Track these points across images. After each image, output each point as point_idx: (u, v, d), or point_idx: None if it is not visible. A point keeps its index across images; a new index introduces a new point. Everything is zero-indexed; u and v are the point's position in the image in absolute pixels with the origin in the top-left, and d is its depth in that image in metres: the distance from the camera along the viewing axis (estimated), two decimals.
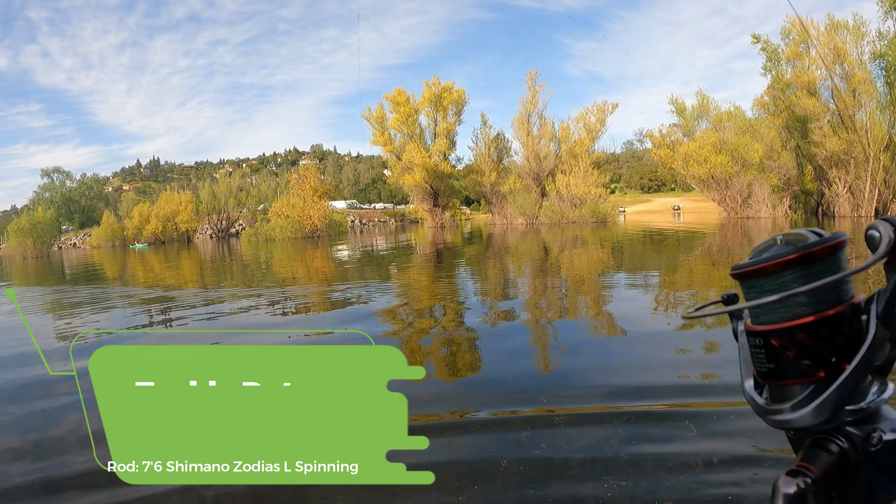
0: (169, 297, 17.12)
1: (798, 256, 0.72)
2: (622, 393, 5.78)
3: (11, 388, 7.99)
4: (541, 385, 6.18)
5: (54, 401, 7.29)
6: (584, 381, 6.27)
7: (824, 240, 0.73)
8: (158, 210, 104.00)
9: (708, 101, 62.60)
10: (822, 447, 0.76)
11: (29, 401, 7.44)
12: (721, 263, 17.47)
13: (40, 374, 8.65)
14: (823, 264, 0.72)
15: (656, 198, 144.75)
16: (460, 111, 76.60)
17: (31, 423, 6.63)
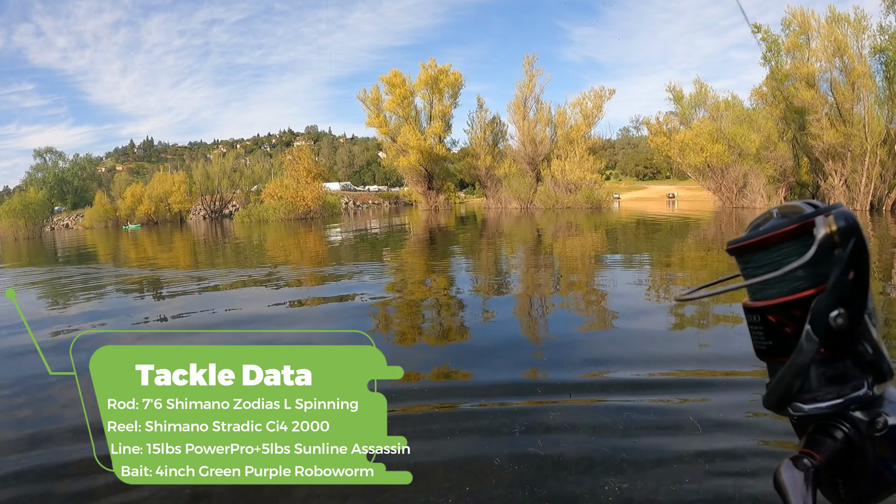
0: (162, 279, 16.96)
1: (796, 227, 0.68)
2: (619, 384, 5.63)
3: (10, 389, 7.85)
4: (534, 376, 6.04)
5: (54, 400, 7.16)
6: (578, 370, 6.12)
7: (821, 209, 0.68)
8: (151, 191, 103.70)
9: (706, 90, 62.50)
10: (827, 433, 0.74)
11: (28, 400, 7.30)
12: (714, 250, 17.35)
13: (40, 373, 8.49)
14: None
15: (651, 185, 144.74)
16: (456, 94, 76.41)
17: (31, 423, 6.51)
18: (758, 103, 61.68)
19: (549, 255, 17.60)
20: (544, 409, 5.08)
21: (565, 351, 6.93)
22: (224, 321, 9.38)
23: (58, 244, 51.07)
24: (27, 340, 9.71)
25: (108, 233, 74.12)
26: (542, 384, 5.73)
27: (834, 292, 0.69)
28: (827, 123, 53.44)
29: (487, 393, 5.53)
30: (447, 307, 9.58)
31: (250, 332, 11.15)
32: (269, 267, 17.30)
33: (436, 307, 9.49)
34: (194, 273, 17.14)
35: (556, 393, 5.44)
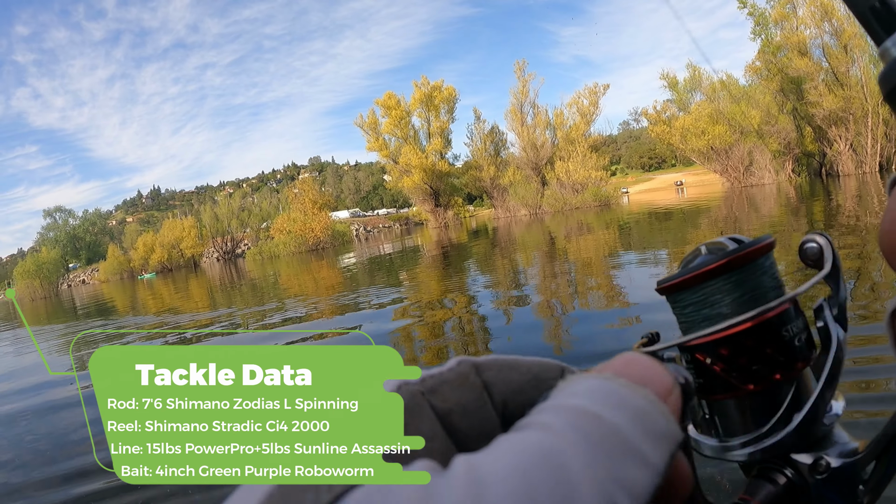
0: (182, 324, 16.93)
1: (719, 265, 0.66)
2: None
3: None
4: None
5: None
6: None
7: (745, 245, 0.67)
8: (162, 238, 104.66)
9: (700, 73, 62.29)
10: (767, 478, 0.70)
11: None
12: (729, 232, 17.14)
13: (40, 374, 8.45)
14: (747, 271, 0.67)
15: (658, 175, 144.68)
16: (452, 108, 76.55)
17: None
18: (753, 79, 61.40)
19: (565, 262, 17.45)
20: None
21: (588, 346, 6.79)
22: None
23: (75, 301, 51.25)
24: (28, 343, 9.67)
25: (124, 284, 74.50)
26: None
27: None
28: (825, 89, 53.09)
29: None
30: (468, 325, 9.46)
31: (254, 333, 11.07)
32: (286, 300, 17.25)
33: (458, 328, 9.38)
34: (213, 314, 17.07)
35: None
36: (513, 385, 0.40)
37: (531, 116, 72.95)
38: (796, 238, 13.18)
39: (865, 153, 53.49)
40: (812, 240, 0.68)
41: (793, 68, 53.66)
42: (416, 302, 12.93)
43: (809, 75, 53.16)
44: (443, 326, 9.46)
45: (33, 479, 4.97)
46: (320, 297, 17.65)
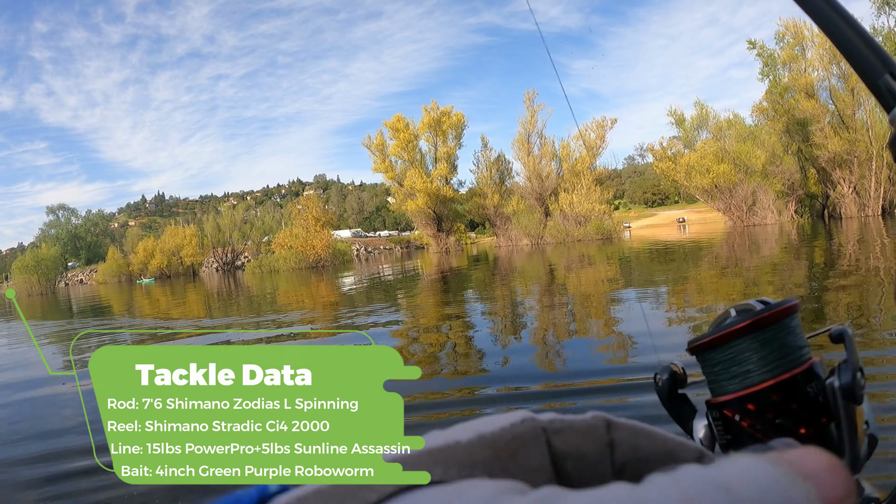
0: (175, 330, 16.90)
1: (746, 325, 0.68)
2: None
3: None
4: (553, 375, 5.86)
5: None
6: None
7: (771, 307, 0.69)
8: (163, 244, 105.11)
9: (707, 111, 62.55)
10: None
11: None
12: (729, 274, 17.16)
13: (40, 374, 8.43)
14: (773, 330, 0.69)
15: (660, 211, 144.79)
16: (460, 135, 76.79)
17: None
18: (760, 119, 61.65)
19: (564, 294, 17.45)
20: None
21: (581, 363, 6.77)
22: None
23: (72, 299, 51.22)
24: (28, 342, 9.65)
25: (122, 287, 74.54)
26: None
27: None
28: (830, 132, 53.36)
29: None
30: (463, 348, 9.45)
31: (253, 332, 11.03)
32: (283, 314, 17.19)
33: (452, 351, 9.37)
34: (208, 321, 17.01)
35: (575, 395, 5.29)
36: (640, 452, 0.39)
37: (538, 147, 73.14)
38: (796, 277, 13.15)
39: (868, 196, 53.65)
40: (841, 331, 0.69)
41: (799, 110, 53.93)
42: (412, 324, 12.94)
43: (816, 117, 53.41)
44: (437, 348, 9.46)
45: (33, 478, 4.95)
46: (318, 312, 17.65)
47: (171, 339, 14.40)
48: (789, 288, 12.47)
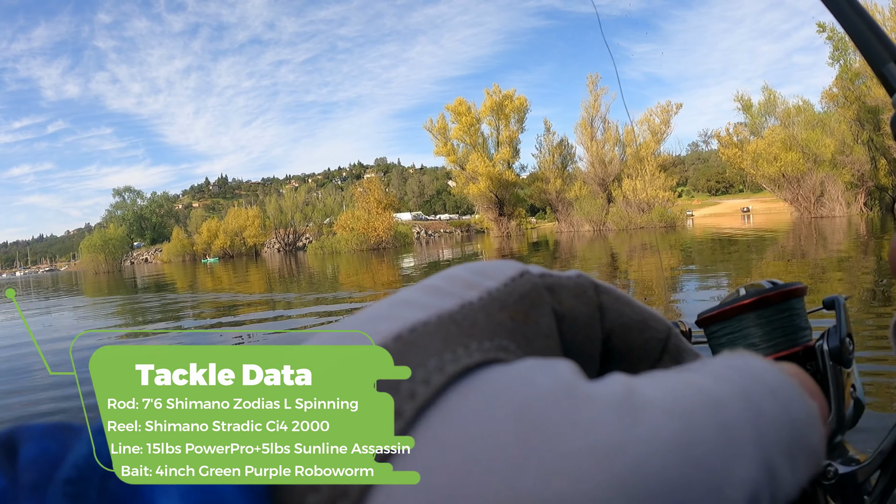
0: (239, 302, 17.17)
1: (753, 301, 0.72)
2: None
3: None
4: None
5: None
6: None
7: (778, 286, 0.74)
8: (226, 225, 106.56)
9: (775, 97, 61.17)
10: None
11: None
12: (793, 269, 16.93)
13: (40, 374, 8.68)
14: (778, 310, 0.74)
15: (724, 200, 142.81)
16: (522, 118, 76.38)
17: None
18: (829, 106, 59.95)
19: (625, 280, 17.39)
20: None
21: None
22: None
23: (136, 277, 52.36)
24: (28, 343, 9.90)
25: (186, 266, 75.98)
26: None
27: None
28: None
29: None
30: None
31: (243, 332, 11.20)
32: (345, 293, 17.36)
33: None
34: (271, 296, 17.25)
35: None
36: (623, 319, 0.39)
37: (601, 131, 72.50)
38: (860, 273, 12.87)
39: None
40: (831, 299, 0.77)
41: (871, 97, 52.45)
42: None
43: (888, 105, 51.89)
44: None
45: None
46: (374, 291, 17.83)
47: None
48: (853, 282, 12.27)
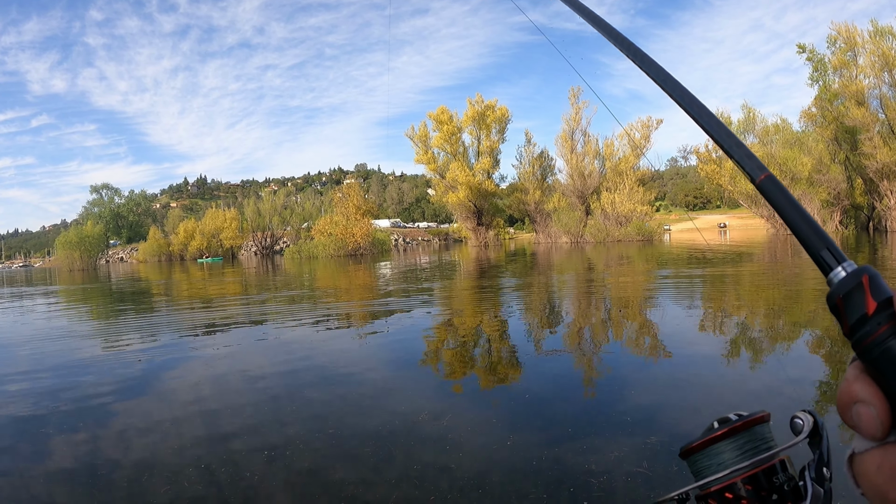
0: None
1: (724, 433, 0.84)
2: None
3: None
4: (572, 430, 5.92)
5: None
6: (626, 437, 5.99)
7: (744, 417, 0.84)
8: (204, 227, 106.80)
9: (754, 115, 61.88)
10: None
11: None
12: (768, 285, 17.11)
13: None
14: (746, 436, 0.84)
15: (702, 215, 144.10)
16: (504, 129, 76.73)
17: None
18: (807, 125, 60.94)
19: (602, 294, 17.52)
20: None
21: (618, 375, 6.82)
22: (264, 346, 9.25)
23: (111, 276, 52.17)
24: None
25: (161, 266, 75.93)
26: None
27: None
28: (880, 141, 52.53)
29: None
30: (495, 347, 9.53)
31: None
32: (319, 298, 17.32)
33: (485, 350, 9.46)
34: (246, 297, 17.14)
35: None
36: None
37: (581, 144, 72.89)
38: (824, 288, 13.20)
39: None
40: (798, 417, 0.81)
41: (849, 117, 53.14)
42: (445, 315, 13.06)
43: (865, 126, 52.61)
44: (469, 344, 9.55)
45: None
46: (353, 299, 17.83)
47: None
48: (821, 302, 12.38)
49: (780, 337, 8.92)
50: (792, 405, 5.66)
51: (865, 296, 0.66)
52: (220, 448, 5.07)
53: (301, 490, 4.15)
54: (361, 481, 4.21)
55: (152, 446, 5.26)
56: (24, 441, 5.61)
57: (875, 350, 0.60)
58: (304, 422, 5.73)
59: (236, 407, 6.41)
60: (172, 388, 7.55)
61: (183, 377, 8.09)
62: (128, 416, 6.35)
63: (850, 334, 0.66)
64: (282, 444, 5.04)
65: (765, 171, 0.87)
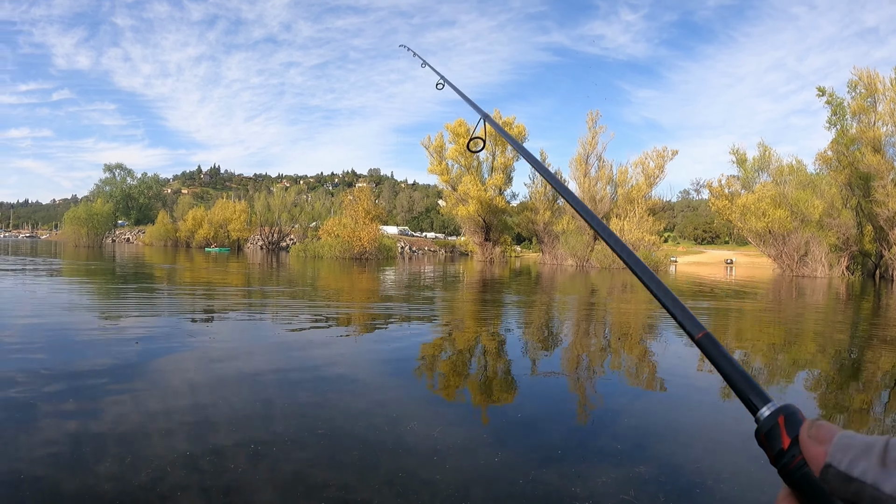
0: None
1: None
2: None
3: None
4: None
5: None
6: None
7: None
8: (212, 216, 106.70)
9: (770, 154, 61.84)
10: None
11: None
12: (770, 322, 17.05)
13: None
14: None
15: (709, 250, 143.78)
16: None
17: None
18: (822, 168, 60.83)
19: (602, 319, 17.47)
20: None
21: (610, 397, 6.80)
22: (266, 345, 9.24)
23: (115, 255, 52.30)
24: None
25: (167, 251, 76.21)
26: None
27: None
28: (893, 190, 52.47)
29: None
30: (491, 363, 9.50)
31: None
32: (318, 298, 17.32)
33: (481, 366, 9.44)
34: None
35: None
36: None
37: (595, 168, 72.79)
38: (836, 330, 13.00)
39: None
40: None
41: (864, 163, 53.04)
42: (445, 326, 13.04)
43: (879, 173, 52.49)
44: (465, 358, 9.52)
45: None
46: (353, 301, 17.81)
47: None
48: (826, 348, 12.39)
49: (778, 376, 8.88)
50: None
51: (781, 433, 0.77)
52: (206, 438, 5.05)
53: (283, 488, 4.12)
54: (344, 485, 4.19)
55: (139, 430, 5.25)
56: (9, 414, 5.59)
57: (794, 475, 0.69)
58: (293, 420, 5.73)
59: (227, 399, 6.40)
60: (165, 373, 7.56)
61: (177, 365, 8.08)
62: (117, 397, 6.34)
63: (775, 463, 0.77)
64: (269, 441, 5.02)
65: (703, 330, 0.98)
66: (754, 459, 5.02)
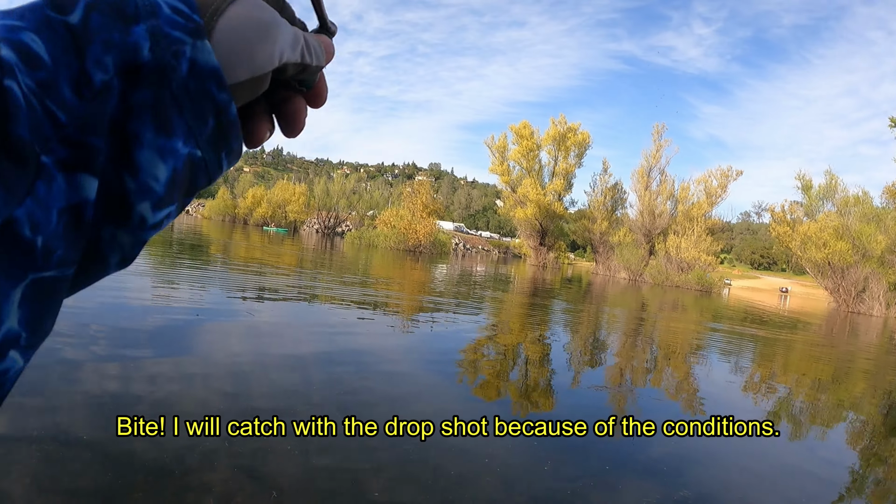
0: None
1: None
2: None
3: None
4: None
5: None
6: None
7: None
8: (272, 196, 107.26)
9: (836, 183, 60.56)
10: None
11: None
12: (818, 358, 16.89)
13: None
14: None
15: (765, 276, 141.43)
16: (582, 154, 76.29)
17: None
18: (889, 202, 59.34)
19: (650, 337, 17.45)
20: None
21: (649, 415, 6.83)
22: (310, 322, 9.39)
23: (172, 227, 53.32)
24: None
25: (224, 226, 77.24)
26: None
27: None
28: None
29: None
30: (533, 371, 9.59)
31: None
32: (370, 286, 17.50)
33: (522, 372, 9.53)
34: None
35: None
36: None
37: (657, 182, 72.27)
38: (886, 377, 12.84)
39: None
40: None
41: None
42: (492, 327, 13.13)
43: None
44: (510, 361, 9.61)
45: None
46: (404, 292, 17.99)
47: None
48: (876, 387, 12.27)
49: (821, 416, 8.85)
50: (823, 488, 5.66)
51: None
52: (242, 410, 5.28)
53: (316, 475, 4.27)
54: (384, 490, 4.33)
55: (177, 393, 5.49)
56: (57, 366, 5.87)
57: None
58: (331, 406, 5.85)
59: (267, 376, 6.62)
60: (210, 344, 7.81)
61: (225, 336, 8.33)
62: (159, 360, 6.61)
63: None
64: (304, 422, 5.21)
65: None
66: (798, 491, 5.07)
